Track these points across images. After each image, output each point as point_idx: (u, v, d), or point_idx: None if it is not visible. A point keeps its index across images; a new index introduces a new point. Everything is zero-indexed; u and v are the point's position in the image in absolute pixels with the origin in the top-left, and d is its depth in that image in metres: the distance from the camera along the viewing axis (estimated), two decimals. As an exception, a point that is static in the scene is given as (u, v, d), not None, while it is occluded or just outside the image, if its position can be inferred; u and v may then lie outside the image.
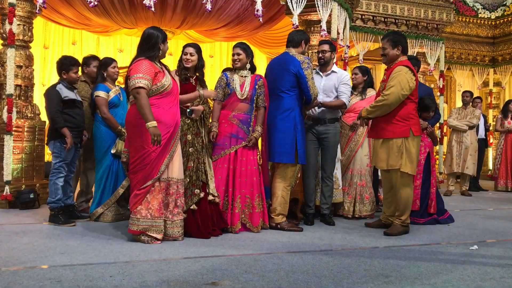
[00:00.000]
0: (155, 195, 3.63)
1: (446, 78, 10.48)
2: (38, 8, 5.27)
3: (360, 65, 5.61)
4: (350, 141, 5.08)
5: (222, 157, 4.17)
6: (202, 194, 3.95)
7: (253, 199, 4.17)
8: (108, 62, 4.74)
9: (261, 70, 5.12)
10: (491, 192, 8.13)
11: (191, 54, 4.07)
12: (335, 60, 4.93)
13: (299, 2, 5.74)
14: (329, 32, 6.32)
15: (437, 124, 7.88)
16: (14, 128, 5.30)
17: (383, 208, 4.52)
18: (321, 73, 4.73)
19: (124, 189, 4.53)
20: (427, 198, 4.81)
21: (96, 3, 4.82)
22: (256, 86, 4.24)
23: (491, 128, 9.61)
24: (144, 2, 4.81)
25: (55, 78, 4.66)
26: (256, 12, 5.31)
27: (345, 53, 7.20)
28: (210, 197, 4.00)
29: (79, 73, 4.70)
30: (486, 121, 8.93)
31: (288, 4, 5.75)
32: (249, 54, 4.28)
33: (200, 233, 3.83)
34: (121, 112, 4.61)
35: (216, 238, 3.84)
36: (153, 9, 4.88)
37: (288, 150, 4.21)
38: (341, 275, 2.84)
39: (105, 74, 4.69)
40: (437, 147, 8.13)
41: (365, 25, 8.47)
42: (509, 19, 10.47)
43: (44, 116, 4.77)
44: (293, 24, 5.64)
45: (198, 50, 4.12)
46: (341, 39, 6.78)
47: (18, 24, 5.45)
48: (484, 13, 10.56)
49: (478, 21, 10.62)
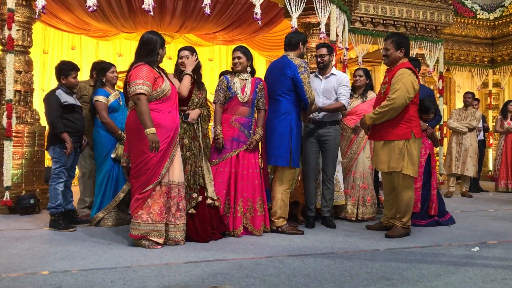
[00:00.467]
0: (156, 200, 3.62)
1: (446, 80, 10.50)
2: (37, 14, 5.28)
3: (363, 67, 5.59)
4: (352, 144, 5.07)
5: (224, 161, 4.17)
6: (200, 198, 3.95)
7: (255, 202, 4.17)
8: (107, 67, 4.75)
9: (261, 73, 5.13)
10: (492, 193, 8.13)
11: (187, 57, 4.08)
12: (334, 63, 4.93)
13: (298, 5, 5.75)
14: (328, 35, 6.33)
15: (437, 126, 7.87)
16: (14, 134, 5.30)
17: (384, 211, 4.51)
18: (320, 76, 4.73)
19: (125, 194, 4.54)
20: (428, 200, 4.80)
21: (95, 8, 4.81)
22: (257, 89, 4.25)
23: (491, 129, 9.60)
24: (143, 7, 4.81)
25: (55, 83, 4.66)
26: (255, 15, 5.32)
27: (344, 56, 7.21)
28: (209, 201, 3.99)
29: (87, 78, 4.69)
30: (485, 121, 8.91)
31: (287, 7, 5.77)
32: (249, 58, 4.29)
33: (199, 237, 3.82)
34: (121, 117, 4.62)
35: (217, 242, 3.84)
36: (152, 14, 4.88)
37: (283, 154, 4.21)
38: (343, 278, 2.83)
39: (104, 79, 4.70)
40: (437, 149, 8.12)
41: (364, 27, 8.48)
42: (508, 20, 10.49)
43: (44, 121, 4.77)
44: (292, 27, 5.65)
45: (193, 53, 4.13)
46: (340, 42, 6.80)
47: (17, 30, 5.47)
48: (483, 14, 10.58)
49: (477, 22, 10.64)
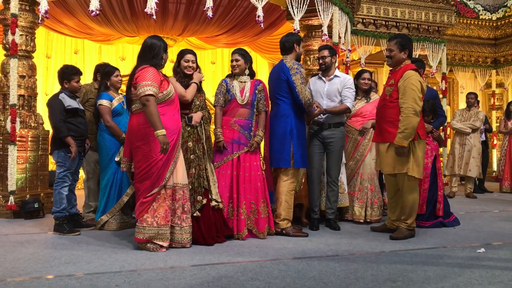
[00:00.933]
0: (161, 203, 3.63)
1: (449, 80, 10.46)
2: (40, 18, 5.30)
3: (367, 70, 5.57)
4: (359, 146, 5.05)
5: (225, 163, 4.17)
6: (205, 201, 3.94)
7: (258, 205, 4.16)
8: (111, 71, 4.76)
9: (263, 76, 5.13)
10: (496, 194, 8.10)
11: (193, 62, 4.11)
12: (337, 65, 4.92)
13: (300, 7, 5.76)
14: (331, 37, 6.33)
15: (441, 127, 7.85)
16: (18, 138, 5.31)
17: (388, 213, 4.49)
18: (324, 78, 4.72)
19: (129, 197, 4.54)
20: (433, 201, 4.79)
21: (98, 12, 4.83)
22: (256, 91, 4.25)
23: (494, 130, 9.55)
24: (146, 10, 4.83)
25: (58, 88, 4.68)
26: (257, 18, 5.33)
27: (347, 57, 7.21)
28: (213, 203, 3.98)
29: (90, 81, 4.71)
30: (487, 122, 8.86)
31: (289, 9, 5.77)
32: (248, 60, 4.30)
33: (204, 240, 3.81)
34: (125, 120, 4.61)
35: (221, 245, 3.83)
36: (155, 17, 4.90)
37: (284, 155, 4.23)
38: (348, 281, 2.82)
39: (109, 83, 4.71)
40: (441, 150, 8.10)
41: (366, 29, 8.48)
42: (511, 20, 10.46)
43: (48, 126, 4.78)
44: (295, 29, 5.66)
45: (195, 57, 4.18)
46: (343, 43, 6.79)
47: (21, 35, 5.49)
48: (485, 15, 10.55)
49: (480, 23, 10.61)
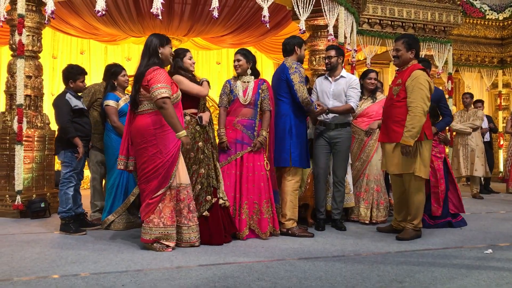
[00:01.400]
0: (167, 204, 3.63)
1: (455, 81, 10.42)
2: (47, 19, 5.32)
3: (373, 69, 5.54)
4: (366, 146, 5.02)
5: (229, 163, 4.17)
6: (214, 200, 3.95)
7: (261, 205, 4.13)
8: (118, 71, 4.77)
9: (268, 76, 5.13)
10: (503, 195, 8.04)
11: (193, 59, 4.20)
12: (343, 65, 4.92)
13: (306, 7, 5.75)
14: (336, 37, 6.32)
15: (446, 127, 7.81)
16: (25, 138, 5.34)
17: (394, 214, 4.47)
18: (330, 79, 4.71)
19: (135, 197, 4.54)
20: (447, 202, 4.79)
21: (104, 13, 4.85)
22: (260, 90, 4.25)
23: (500, 130, 9.49)
24: (152, 11, 4.84)
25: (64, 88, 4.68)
26: (263, 18, 5.33)
27: (353, 57, 7.20)
28: (221, 201, 3.98)
29: (98, 81, 4.71)
30: (492, 121, 8.81)
31: (295, 10, 5.76)
32: (250, 60, 4.30)
33: (213, 240, 3.82)
34: (131, 121, 4.63)
35: (227, 245, 3.83)
36: (160, 18, 4.91)
37: (283, 154, 4.25)
38: (354, 281, 2.81)
39: (116, 83, 4.72)
40: (447, 150, 8.06)
41: (372, 29, 8.46)
42: (517, 20, 10.41)
43: (54, 126, 4.80)
44: (300, 30, 5.65)
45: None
46: (348, 43, 6.78)
47: (28, 35, 5.52)
48: (492, 15, 10.49)
49: (486, 23, 10.55)
